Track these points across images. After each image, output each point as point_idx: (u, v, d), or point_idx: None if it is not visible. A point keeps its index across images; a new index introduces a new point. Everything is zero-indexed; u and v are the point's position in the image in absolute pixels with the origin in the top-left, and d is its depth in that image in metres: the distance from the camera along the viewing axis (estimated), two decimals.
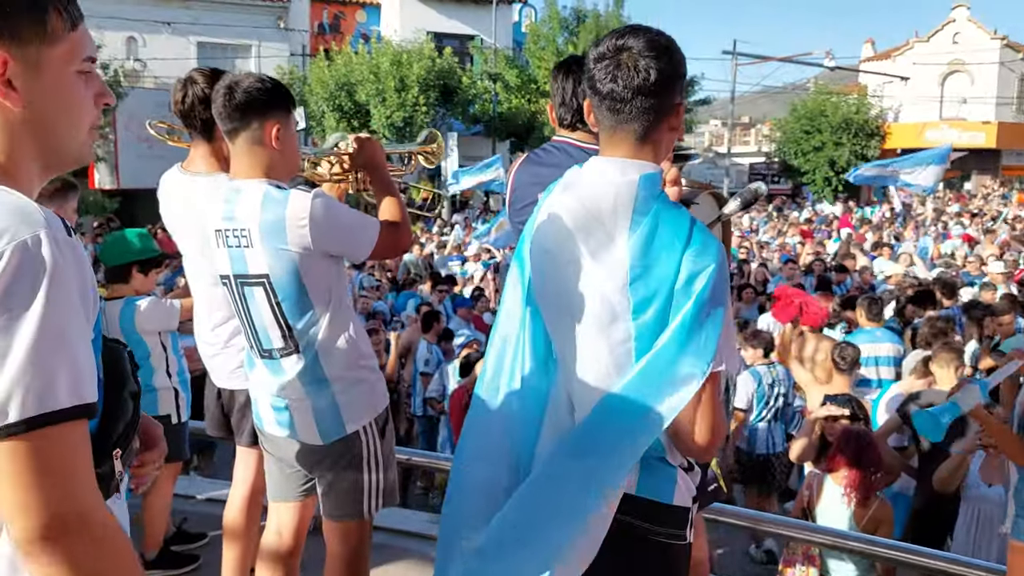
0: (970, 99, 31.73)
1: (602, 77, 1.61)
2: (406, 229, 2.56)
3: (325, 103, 20.86)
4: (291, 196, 2.25)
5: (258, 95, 2.29)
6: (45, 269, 1.02)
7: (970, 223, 18.16)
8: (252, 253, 2.28)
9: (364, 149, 2.68)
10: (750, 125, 52.84)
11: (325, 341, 2.35)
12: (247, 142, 2.31)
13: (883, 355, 6.03)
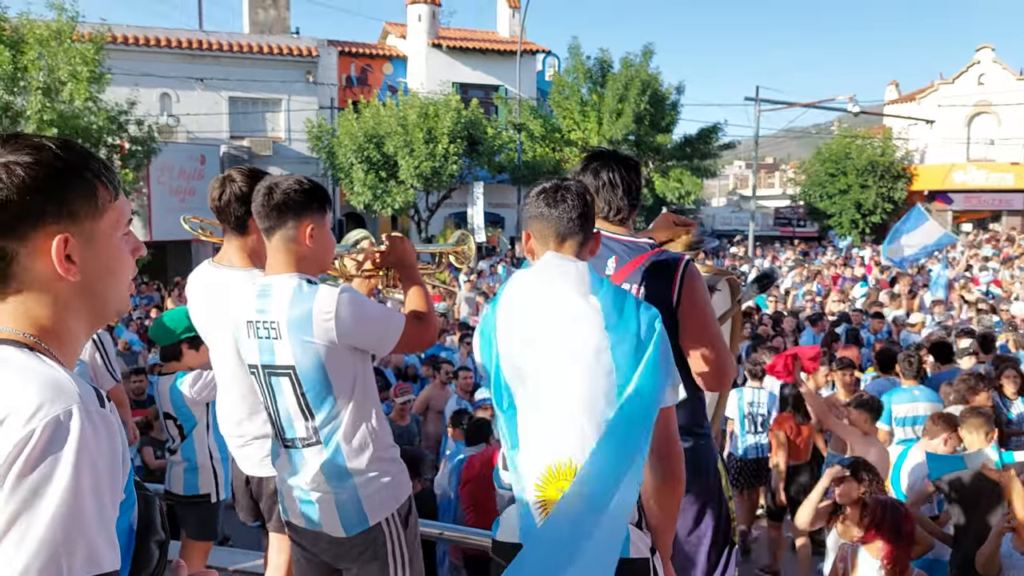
0: (997, 140, 31.53)
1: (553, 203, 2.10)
2: (432, 323, 2.61)
3: (353, 155, 21.20)
4: (319, 291, 2.33)
5: (295, 196, 2.38)
6: (73, 445, 1.06)
7: (1001, 267, 17.93)
8: (280, 345, 2.36)
9: (396, 248, 2.74)
10: (774, 167, 52.84)
11: (347, 433, 2.39)
12: (283, 240, 2.40)
13: (921, 414, 5.92)
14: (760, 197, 33.85)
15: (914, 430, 5.93)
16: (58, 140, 1.21)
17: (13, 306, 1.19)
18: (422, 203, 22.88)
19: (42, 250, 1.17)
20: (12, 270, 1.17)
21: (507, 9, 28.42)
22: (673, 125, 24.14)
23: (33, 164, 1.15)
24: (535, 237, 2.12)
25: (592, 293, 1.99)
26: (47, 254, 1.17)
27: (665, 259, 2.51)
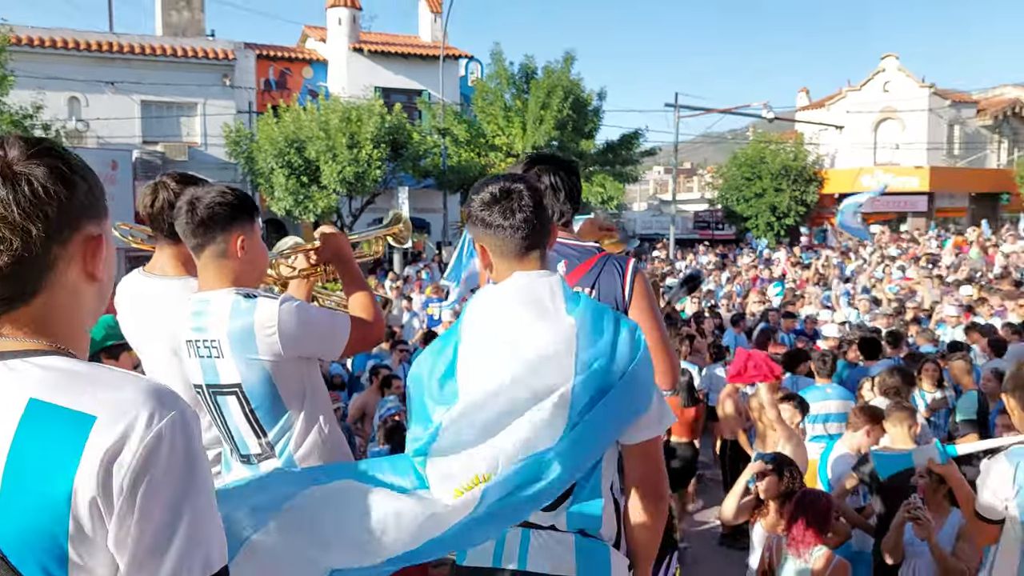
0: (902, 145, 33.01)
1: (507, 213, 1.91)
2: (378, 321, 2.56)
3: (274, 160, 20.76)
4: (258, 305, 2.25)
5: (220, 209, 2.29)
6: (197, 443, 1.10)
7: (910, 266, 18.72)
8: (223, 363, 2.28)
9: (330, 242, 2.68)
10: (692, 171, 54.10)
11: (300, 442, 2.34)
12: (213, 256, 2.31)
13: (833, 412, 6.12)
14: (680, 201, 34.61)
15: (824, 427, 6.12)
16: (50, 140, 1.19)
17: (40, 312, 1.15)
18: (345, 208, 22.56)
19: (75, 253, 1.15)
20: (49, 277, 1.14)
21: (429, 14, 28.33)
22: (595, 131, 24.45)
23: (71, 167, 1.14)
24: (493, 252, 1.94)
25: (568, 312, 1.84)
26: (79, 256, 1.16)
27: (613, 261, 2.55)
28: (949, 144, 34.13)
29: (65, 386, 1.07)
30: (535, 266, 1.93)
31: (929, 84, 33.42)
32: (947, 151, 33.93)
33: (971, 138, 35.02)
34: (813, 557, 3.81)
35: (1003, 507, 2.75)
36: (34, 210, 1.09)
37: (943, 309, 10.79)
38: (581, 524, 1.86)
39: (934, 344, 8.80)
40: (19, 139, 1.13)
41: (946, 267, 18.51)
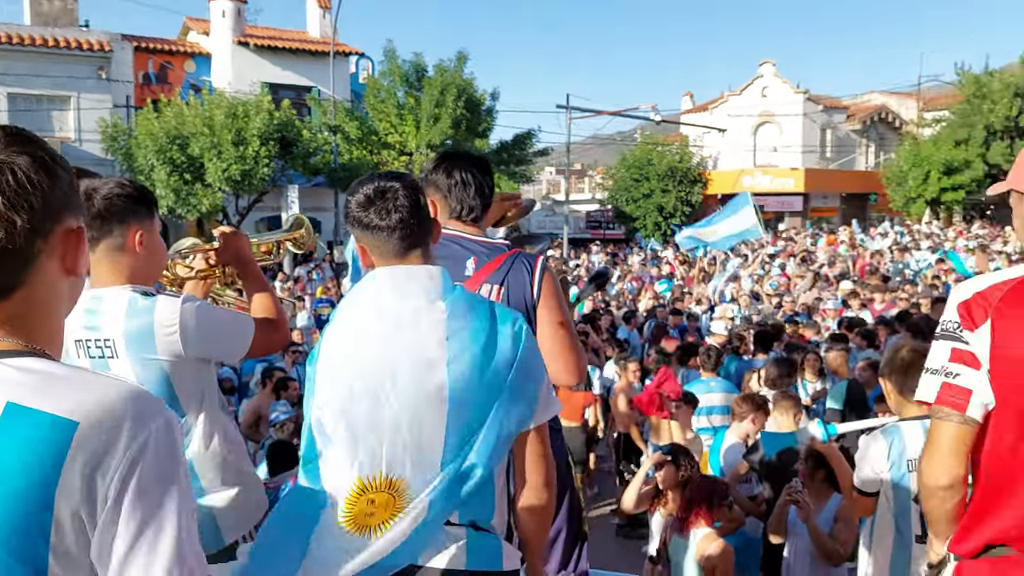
0: (780, 148, 34.69)
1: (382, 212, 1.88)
2: (282, 323, 2.50)
3: (154, 156, 19.92)
4: (158, 303, 2.17)
5: (119, 201, 2.19)
6: (180, 449, 1.09)
7: (788, 263, 19.69)
8: (117, 364, 2.18)
9: (230, 243, 2.60)
10: (583, 172, 55.13)
11: (198, 449, 2.26)
12: (109, 250, 2.20)
13: (717, 404, 6.36)
14: (572, 202, 35.22)
15: (708, 419, 6.35)
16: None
17: (19, 308, 1.09)
18: (231, 207, 21.87)
19: (56, 246, 1.11)
20: (30, 271, 1.08)
21: (317, 9, 27.81)
22: (489, 131, 24.61)
23: (52, 157, 1.10)
24: (372, 252, 1.92)
25: (441, 298, 1.85)
26: (60, 250, 1.11)
27: (522, 258, 2.56)
28: (822, 147, 36.10)
29: (44, 389, 1.02)
30: (417, 264, 1.92)
31: (803, 90, 35.25)
32: (820, 154, 35.88)
33: (842, 141, 37.17)
34: (699, 537, 3.99)
35: (879, 481, 2.94)
36: (18, 200, 1.04)
37: (823, 304, 11.41)
38: (473, 516, 1.86)
39: (818, 336, 9.28)
40: None
41: (819, 264, 19.57)
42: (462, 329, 1.81)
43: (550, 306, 2.51)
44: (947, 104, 34.69)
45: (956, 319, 1.75)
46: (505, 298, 2.49)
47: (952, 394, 1.73)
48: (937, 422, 1.78)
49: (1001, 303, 1.69)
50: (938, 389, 1.75)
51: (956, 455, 1.74)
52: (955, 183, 30.67)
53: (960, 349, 1.73)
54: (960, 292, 1.78)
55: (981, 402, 1.70)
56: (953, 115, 32.29)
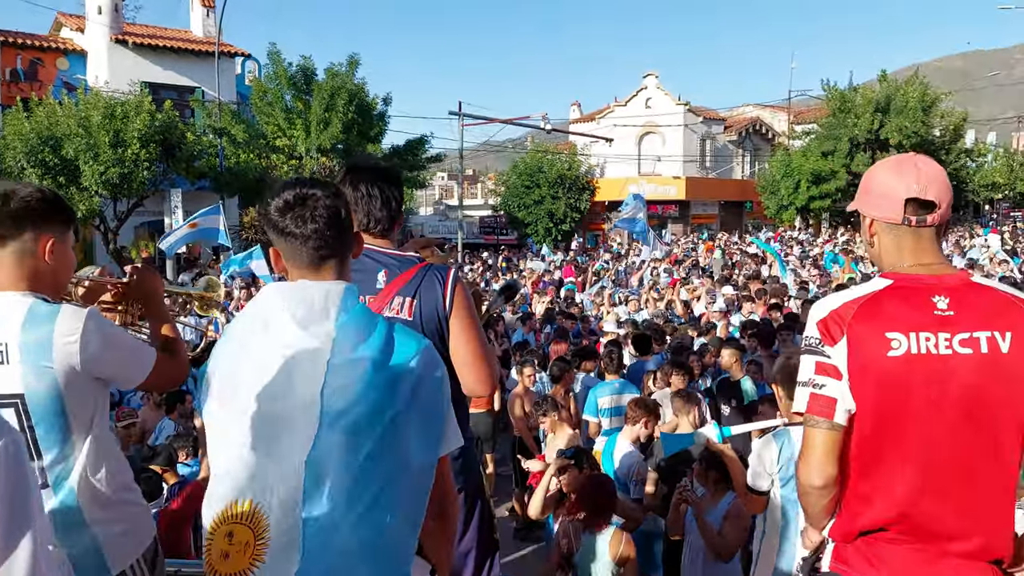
0: (663, 157, 35.96)
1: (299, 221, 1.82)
2: (183, 360, 2.46)
3: (24, 158, 18.79)
4: (62, 311, 2.11)
5: (36, 206, 2.15)
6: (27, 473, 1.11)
7: (674, 268, 20.46)
8: (6, 370, 2.07)
9: (143, 280, 2.55)
10: (475, 178, 55.42)
11: (82, 476, 2.15)
12: (16, 253, 2.14)
13: (624, 405, 6.46)
14: (465, 207, 35.40)
15: (618, 420, 6.34)
16: None
17: None
18: (109, 212, 20.88)
19: None
20: None
21: (200, 8, 26.93)
22: (381, 136, 24.45)
23: None
24: (286, 259, 1.87)
25: (334, 320, 1.77)
26: None
27: (434, 270, 2.58)
28: (702, 157, 37.65)
29: None
30: (329, 277, 1.86)
31: (684, 102, 36.68)
32: (700, 163, 37.41)
33: (720, 152, 38.87)
34: (607, 535, 4.15)
35: (770, 480, 3.19)
36: None
37: (714, 306, 11.95)
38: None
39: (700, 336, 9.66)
40: None
41: (699, 268, 20.45)
42: (347, 360, 1.73)
43: (462, 317, 2.53)
44: (815, 117, 36.87)
45: (817, 335, 1.96)
46: (418, 309, 2.51)
47: (820, 404, 1.93)
48: (809, 429, 1.97)
49: (853, 320, 1.91)
50: (807, 399, 1.95)
51: (828, 457, 1.94)
52: (822, 192, 32.62)
53: (823, 362, 1.94)
54: (818, 311, 2.00)
55: (845, 408, 1.92)
56: (820, 128, 34.33)
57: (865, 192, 2.08)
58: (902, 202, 1.96)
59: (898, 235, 2.00)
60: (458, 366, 2.52)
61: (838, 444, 1.94)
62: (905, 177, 1.97)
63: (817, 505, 2.00)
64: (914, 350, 1.86)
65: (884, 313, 1.91)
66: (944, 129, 35.12)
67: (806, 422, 1.97)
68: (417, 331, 2.39)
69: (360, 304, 1.85)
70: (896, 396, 1.87)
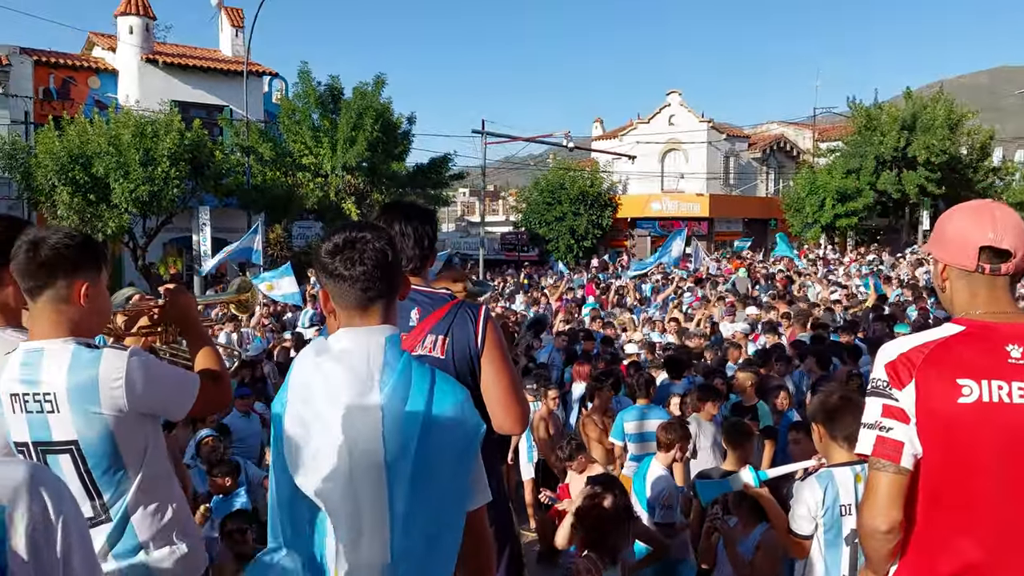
0: (686, 175, 35.91)
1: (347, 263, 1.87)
2: (226, 382, 2.49)
3: (56, 176, 19.12)
4: (104, 356, 2.13)
5: (67, 252, 2.14)
6: None
7: (697, 287, 20.36)
8: (57, 419, 2.11)
9: (176, 302, 2.59)
10: (495, 194, 55.60)
11: (138, 506, 2.20)
12: (52, 301, 2.15)
13: (650, 431, 6.20)
14: (487, 224, 35.51)
15: (644, 446, 6.26)
16: None
17: None
18: (139, 228, 21.17)
19: None
20: None
21: (229, 28, 27.32)
22: (406, 154, 24.62)
23: None
24: (335, 299, 1.91)
25: (380, 389, 1.81)
26: None
27: (466, 307, 2.62)
28: (725, 174, 37.53)
29: None
30: (375, 319, 1.90)
31: (708, 119, 36.64)
32: (724, 180, 37.29)
33: (744, 169, 38.74)
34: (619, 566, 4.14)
35: (813, 524, 3.16)
36: None
37: (734, 326, 11.81)
38: None
39: None
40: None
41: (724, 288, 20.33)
42: (398, 423, 1.79)
43: (494, 356, 2.57)
44: (840, 135, 36.67)
45: (885, 378, 1.96)
46: (450, 348, 2.55)
47: (887, 447, 1.93)
48: (875, 472, 1.96)
49: (923, 364, 1.91)
50: (873, 442, 1.95)
51: (893, 502, 1.93)
52: (848, 209, 32.40)
53: (890, 405, 1.93)
54: (886, 353, 1.99)
55: (912, 453, 1.91)
56: (846, 145, 34.14)
57: (939, 236, 2.06)
58: (976, 249, 1.95)
59: (971, 282, 1.98)
60: (490, 404, 2.55)
61: (904, 489, 1.93)
62: (981, 224, 1.95)
63: (881, 550, 1.99)
64: (986, 398, 1.85)
65: (955, 359, 1.90)
66: (971, 147, 34.81)
67: (872, 465, 1.97)
68: (449, 369, 2.48)
69: (403, 356, 1.87)
70: (966, 444, 1.86)
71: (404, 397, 1.80)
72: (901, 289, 16.18)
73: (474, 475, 1.87)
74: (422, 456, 1.78)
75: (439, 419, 1.80)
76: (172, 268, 24.08)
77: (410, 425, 1.78)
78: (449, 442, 1.81)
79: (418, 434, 1.78)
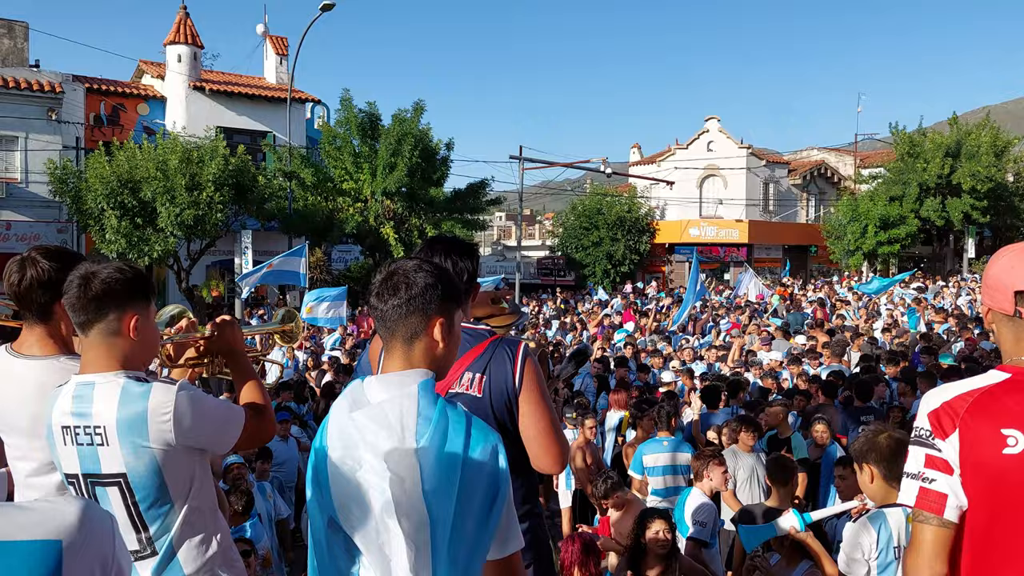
0: (725, 200, 35.70)
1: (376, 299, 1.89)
2: (270, 419, 2.50)
3: (105, 200, 19.61)
4: (153, 390, 2.16)
5: (117, 286, 2.17)
6: None
7: (734, 314, 20.17)
8: (107, 452, 2.14)
9: (223, 334, 2.60)
10: (532, 218, 55.74)
11: (184, 540, 2.22)
12: (103, 334, 2.19)
13: (669, 463, 6.31)
14: (523, 248, 35.60)
15: (663, 480, 6.26)
16: None
17: None
18: (183, 251, 21.61)
19: None
20: None
21: (274, 56, 27.94)
22: (444, 179, 24.85)
23: None
24: (380, 335, 1.93)
25: (417, 438, 1.79)
26: None
27: (504, 345, 2.59)
28: (765, 200, 37.24)
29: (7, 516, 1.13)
30: (417, 355, 1.89)
31: (747, 145, 36.45)
32: (763, 207, 37.00)
33: (783, 195, 38.40)
34: None
35: (867, 568, 3.08)
36: None
37: (770, 354, 11.69)
38: None
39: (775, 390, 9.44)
40: None
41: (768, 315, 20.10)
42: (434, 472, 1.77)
43: (532, 396, 2.53)
44: (882, 161, 36.24)
45: (928, 427, 1.91)
46: (487, 386, 2.53)
47: (930, 498, 1.88)
48: (918, 524, 1.92)
49: (967, 413, 1.86)
50: (917, 493, 1.90)
51: (937, 555, 1.88)
52: (891, 237, 31.92)
53: (934, 456, 1.88)
54: (930, 401, 1.94)
55: (957, 505, 1.86)
56: (888, 172, 33.71)
57: (984, 279, 2.04)
58: (1013, 293, 1.91)
59: (1015, 326, 1.93)
60: (528, 444, 2.52)
61: (949, 541, 1.87)
62: (1019, 268, 1.91)
63: None
64: None
65: (1000, 408, 1.84)
66: (1017, 174, 34.17)
67: (915, 516, 1.93)
68: (486, 408, 2.49)
69: (438, 404, 1.84)
70: (1012, 496, 1.80)
71: (441, 443, 1.78)
72: (948, 320, 15.85)
73: (505, 520, 1.84)
74: (462, 499, 1.77)
75: (475, 463, 1.79)
76: (215, 291, 24.50)
77: (449, 469, 1.77)
78: (483, 486, 1.79)
79: (459, 478, 1.77)
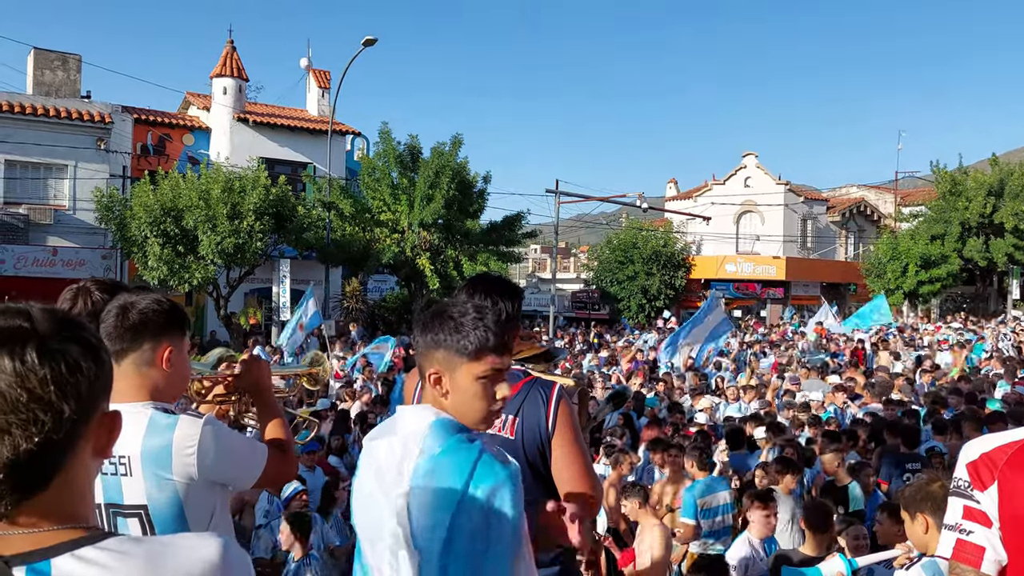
0: (762, 236, 35.42)
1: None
2: (292, 458, 2.51)
3: (148, 228, 20.03)
4: (180, 422, 2.17)
5: (154, 317, 2.22)
6: None
7: (771, 351, 19.94)
8: (130, 482, 2.14)
9: (251, 371, 2.63)
10: (566, 251, 55.80)
11: None
12: (136, 364, 2.22)
13: (721, 503, 6.19)
14: (558, 281, 35.62)
15: (713, 521, 6.11)
16: None
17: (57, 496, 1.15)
18: (222, 279, 21.94)
19: (93, 430, 1.17)
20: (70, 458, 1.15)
21: (316, 88, 28.48)
22: (480, 212, 25.01)
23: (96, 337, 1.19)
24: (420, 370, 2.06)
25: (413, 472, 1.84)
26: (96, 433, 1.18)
27: (538, 387, 2.56)
28: (803, 237, 36.90)
29: (144, 568, 1.08)
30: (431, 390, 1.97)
31: (784, 181, 36.23)
32: (800, 243, 36.65)
33: (822, 232, 38.02)
34: None
35: None
36: (68, 389, 1.06)
37: (809, 396, 11.50)
38: None
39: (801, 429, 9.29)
40: (44, 311, 1.10)
41: (801, 351, 19.85)
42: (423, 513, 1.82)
43: (566, 440, 2.50)
44: (923, 199, 35.78)
45: (967, 479, 1.86)
46: (520, 428, 2.50)
47: (967, 551, 1.83)
48: None
49: (1006, 466, 1.81)
50: (954, 545, 1.85)
51: None
52: (932, 276, 31.39)
53: (972, 507, 1.84)
54: (968, 452, 1.90)
55: (995, 559, 1.80)
56: (929, 210, 33.26)
57: None
58: None
59: None
60: (561, 487, 2.49)
61: None
62: None
63: None
64: None
65: None
66: None
67: (951, 569, 1.88)
68: (518, 450, 2.46)
69: (448, 441, 1.85)
70: None
71: (436, 483, 1.81)
72: (990, 363, 15.50)
73: (516, 557, 1.81)
74: (454, 536, 1.78)
75: (469, 504, 1.78)
76: (252, 319, 24.80)
77: (438, 510, 1.80)
78: (472, 527, 1.77)
79: (451, 515, 1.78)
